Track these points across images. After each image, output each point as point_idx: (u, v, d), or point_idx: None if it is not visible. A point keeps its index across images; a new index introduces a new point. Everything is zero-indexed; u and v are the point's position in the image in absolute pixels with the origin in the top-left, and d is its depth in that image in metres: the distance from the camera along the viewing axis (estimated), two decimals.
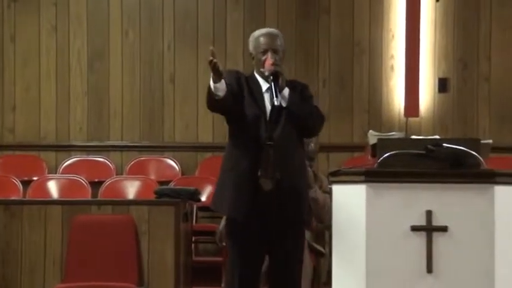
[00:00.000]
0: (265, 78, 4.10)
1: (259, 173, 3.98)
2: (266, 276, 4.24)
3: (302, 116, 4.07)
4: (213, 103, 4.00)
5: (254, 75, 4.16)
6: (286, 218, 4.05)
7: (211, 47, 3.97)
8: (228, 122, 4.18)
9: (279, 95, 3.97)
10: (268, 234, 4.05)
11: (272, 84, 3.99)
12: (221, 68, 3.93)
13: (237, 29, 7.29)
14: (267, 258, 4.18)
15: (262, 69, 4.08)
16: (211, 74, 3.95)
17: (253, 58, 4.17)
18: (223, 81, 3.96)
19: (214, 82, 3.95)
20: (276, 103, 3.95)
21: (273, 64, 4.02)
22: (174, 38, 7.37)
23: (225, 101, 3.99)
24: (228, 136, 4.19)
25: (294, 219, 4.08)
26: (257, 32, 4.18)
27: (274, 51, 4.08)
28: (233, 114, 4.07)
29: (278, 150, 4.01)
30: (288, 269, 4.09)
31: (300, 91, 4.13)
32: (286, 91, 4.05)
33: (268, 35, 4.12)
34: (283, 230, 4.06)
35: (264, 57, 4.07)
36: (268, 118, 4.05)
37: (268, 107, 4.06)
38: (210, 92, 3.98)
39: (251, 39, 4.18)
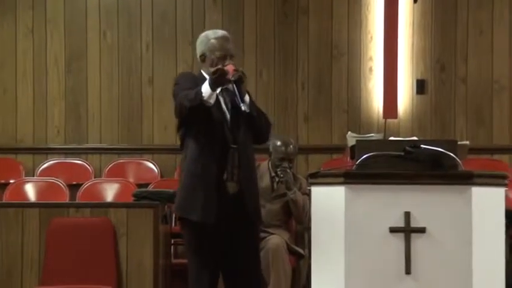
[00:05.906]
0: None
1: (224, 177, 4.00)
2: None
3: (261, 122, 4.11)
4: (198, 110, 3.94)
5: (203, 76, 4.11)
6: (245, 219, 4.06)
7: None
8: (185, 125, 4.11)
9: (244, 101, 3.98)
10: (227, 235, 4.06)
11: (235, 89, 3.97)
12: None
13: None
14: None
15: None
16: (210, 82, 3.90)
17: (203, 60, 4.13)
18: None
19: (213, 90, 3.92)
20: (243, 108, 3.95)
21: (236, 69, 4.00)
22: (152, 39, 7.34)
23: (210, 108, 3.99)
24: (186, 138, 4.12)
25: (252, 220, 4.11)
26: (210, 34, 4.15)
27: (231, 57, 4.08)
28: (200, 118, 4.03)
29: (241, 153, 4.04)
30: (249, 270, 4.09)
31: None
32: (247, 97, 4.05)
33: (224, 39, 4.11)
34: (241, 231, 4.07)
35: (222, 63, 4.03)
36: (229, 121, 4.06)
37: (226, 110, 4.07)
38: (199, 98, 3.91)
39: (203, 40, 4.14)
